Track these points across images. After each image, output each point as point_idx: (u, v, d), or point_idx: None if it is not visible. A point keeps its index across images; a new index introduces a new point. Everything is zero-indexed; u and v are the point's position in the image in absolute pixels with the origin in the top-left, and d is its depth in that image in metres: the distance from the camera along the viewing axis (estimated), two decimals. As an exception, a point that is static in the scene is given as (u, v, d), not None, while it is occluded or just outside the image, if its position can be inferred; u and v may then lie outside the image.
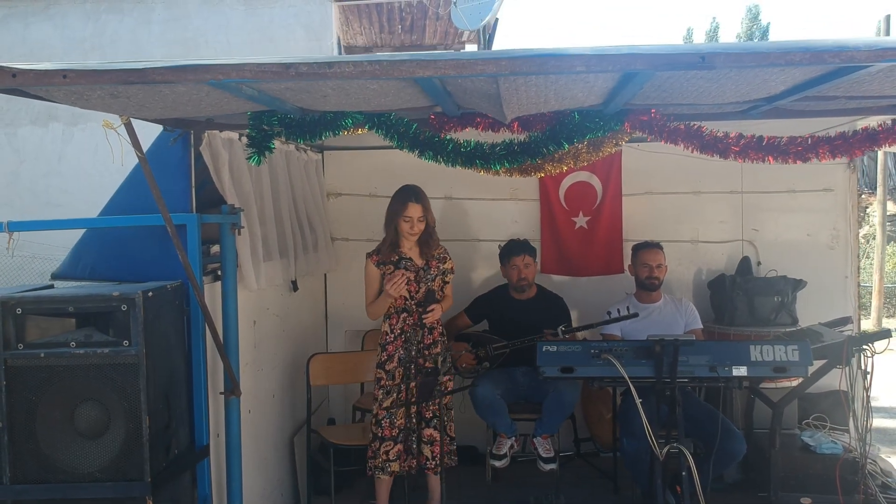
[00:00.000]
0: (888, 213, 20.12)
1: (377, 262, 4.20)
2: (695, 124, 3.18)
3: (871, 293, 16.60)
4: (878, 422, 7.80)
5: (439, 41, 11.23)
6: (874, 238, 17.30)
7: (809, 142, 3.21)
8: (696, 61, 2.01)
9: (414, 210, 4.12)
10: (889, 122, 3.27)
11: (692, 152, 3.22)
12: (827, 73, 2.41)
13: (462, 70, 2.06)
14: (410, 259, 4.20)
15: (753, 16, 37.20)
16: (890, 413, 8.27)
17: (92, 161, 8.17)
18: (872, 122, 3.38)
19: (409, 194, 4.16)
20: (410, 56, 2.05)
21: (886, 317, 16.93)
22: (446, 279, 4.31)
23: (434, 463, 4.13)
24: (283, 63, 2.05)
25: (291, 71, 2.05)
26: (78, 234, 3.76)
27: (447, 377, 4.17)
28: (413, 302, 4.15)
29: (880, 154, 16.43)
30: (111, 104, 2.49)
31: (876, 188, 17.40)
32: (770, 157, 3.20)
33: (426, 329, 4.15)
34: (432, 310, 4.11)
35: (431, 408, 4.13)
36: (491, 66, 2.05)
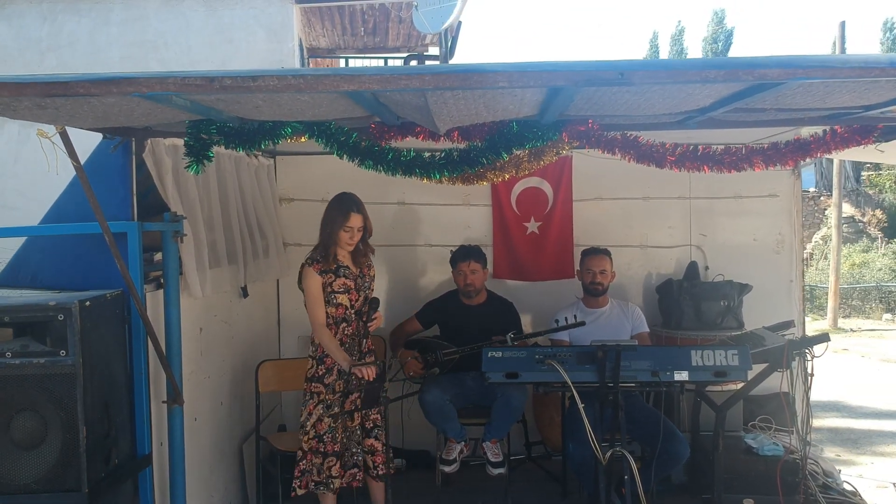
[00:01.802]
0: (845, 215, 20.53)
1: (320, 271, 4.06)
2: (631, 134, 3.24)
3: (827, 294, 16.91)
4: (842, 422, 7.98)
5: (402, 44, 11.24)
6: (831, 240, 17.65)
7: (744, 152, 3.29)
8: (615, 77, 2.05)
9: (355, 220, 4.06)
10: (820, 132, 3.36)
11: (629, 162, 3.28)
12: (748, 87, 2.46)
13: (386, 84, 2.09)
14: (347, 267, 4.14)
15: (719, 19, 37.71)
16: (855, 413, 8.45)
17: (48, 163, 8.05)
18: (803, 133, 3.46)
19: (349, 204, 4.09)
20: (333, 71, 2.06)
21: (843, 317, 17.26)
22: (372, 286, 4.28)
23: (375, 472, 4.14)
24: (207, 77, 2.05)
25: (215, 84, 2.06)
26: (21, 240, 3.73)
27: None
28: (353, 311, 4.12)
29: (835, 159, 16.77)
30: (40, 115, 2.47)
31: (833, 190, 17.74)
32: (706, 167, 3.27)
33: (363, 338, 4.14)
34: (376, 318, 4.10)
35: (372, 417, 4.14)
36: (415, 80, 2.07)
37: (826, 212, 22.04)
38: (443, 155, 3.16)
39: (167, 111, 2.68)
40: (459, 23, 9.19)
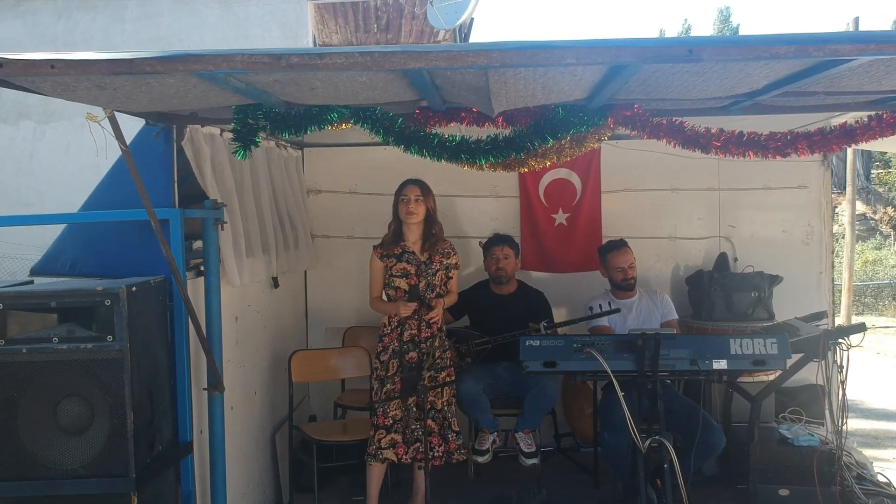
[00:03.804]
0: (857, 213, 20.48)
1: (381, 255, 4.25)
2: (677, 120, 3.22)
3: (840, 291, 16.86)
4: (863, 423, 7.91)
5: (415, 40, 11.21)
6: (843, 237, 17.60)
7: (789, 137, 3.26)
8: (683, 54, 2.04)
9: (410, 190, 4.19)
10: (865, 118, 3.33)
11: (674, 147, 3.26)
12: (809, 67, 2.45)
13: (453, 62, 2.08)
14: (413, 253, 4.23)
15: (724, 17, 37.66)
16: (874, 413, 8.38)
17: (63, 159, 8.06)
18: (848, 118, 3.44)
19: (410, 179, 4.27)
20: (402, 48, 2.05)
21: (856, 314, 17.21)
22: (450, 274, 4.34)
23: (433, 454, 4.12)
24: (275, 54, 2.04)
25: (283, 62, 2.05)
26: (51, 232, 3.72)
27: (444, 373, 4.18)
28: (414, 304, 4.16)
29: (849, 154, 16.74)
30: (98, 96, 2.46)
31: (845, 188, 17.70)
32: (750, 153, 3.25)
33: (424, 323, 4.16)
34: (430, 317, 4.16)
35: (430, 400, 4.15)
36: (482, 58, 2.06)
37: (837, 209, 21.98)
38: (488, 140, 3.15)
39: (219, 94, 2.68)
40: (472, 19, 9.18)
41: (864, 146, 3.50)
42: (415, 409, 4.14)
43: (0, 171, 8.56)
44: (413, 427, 4.15)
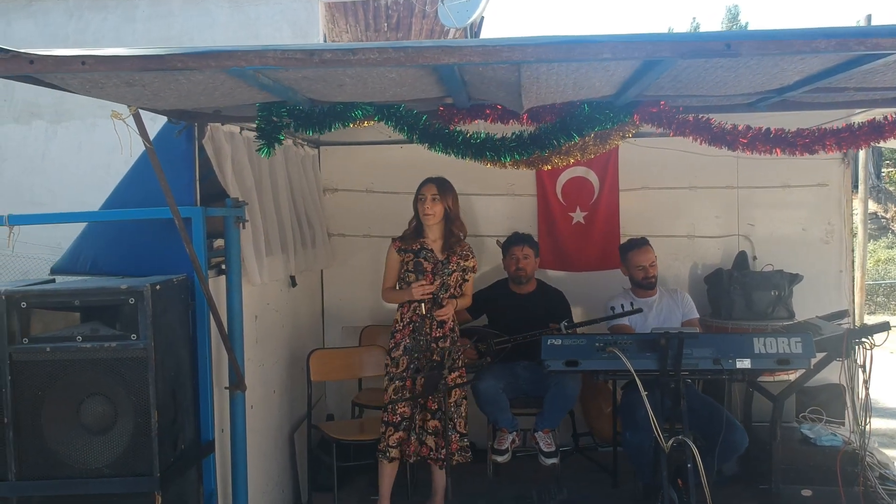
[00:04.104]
0: (868, 212, 20.33)
1: (398, 249, 4.24)
2: (703, 116, 3.19)
3: (853, 290, 16.76)
4: (879, 423, 7.82)
5: (425, 39, 11.19)
6: (856, 236, 17.50)
7: (817, 134, 3.23)
8: (721, 49, 2.01)
9: (428, 189, 4.18)
10: (893, 114, 3.29)
11: (700, 144, 3.23)
12: (844, 62, 2.41)
13: (487, 57, 2.05)
14: (431, 251, 4.21)
15: (733, 16, 37.53)
16: (893, 414, 8.29)
17: (76, 159, 8.07)
18: (875, 114, 3.40)
19: (428, 178, 4.25)
20: (435, 43, 2.03)
21: (868, 313, 17.08)
22: (466, 277, 4.32)
23: (437, 454, 4.12)
24: (308, 50, 2.02)
25: (315, 58, 2.03)
26: (62, 231, 3.72)
27: (456, 373, 4.15)
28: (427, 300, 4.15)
29: (861, 153, 16.64)
30: (126, 93, 2.45)
31: (856, 186, 17.60)
32: (777, 150, 3.21)
33: (436, 323, 4.14)
34: (440, 314, 4.14)
35: (437, 399, 4.12)
36: (517, 52, 2.03)
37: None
38: (514, 137, 3.13)
39: (245, 91, 2.66)
40: (482, 18, 9.15)
41: (891, 143, 3.46)
42: (419, 409, 4.13)
43: (13, 171, 8.57)
44: (419, 426, 4.15)
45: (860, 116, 3.83)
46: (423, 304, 4.09)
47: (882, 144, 3.61)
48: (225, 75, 2.32)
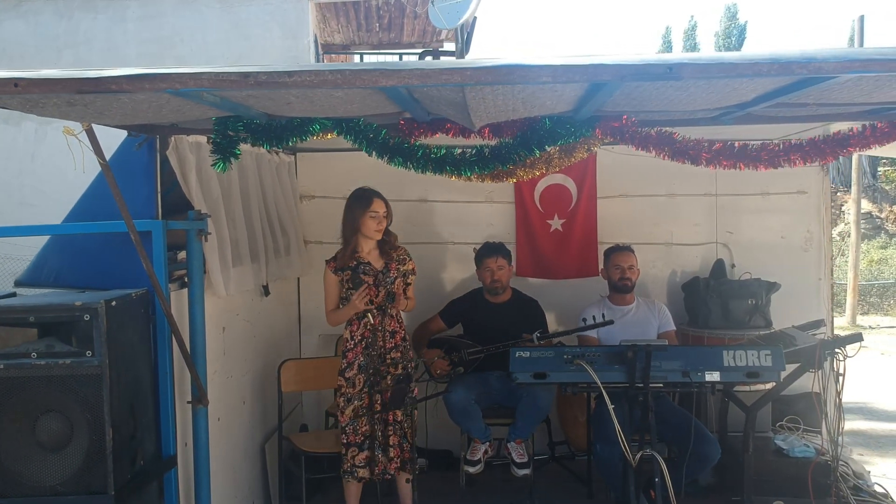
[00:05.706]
0: (862, 211, 20.35)
1: (334, 269, 4.18)
2: (666, 130, 3.16)
3: (846, 291, 16.75)
4: (867, 425, 7.82)
5: (417, 39, 11.15)
6: (849, 236, 17.50)
7: (781, 147, 3.20)
8: (663, 72, 1.98)
9: (378, 205, 4.14)
10: (860, 127, 3.27)
11: (664, 158, 3.20)
12: (796, 81, 2.39)
13: (426, 80, 2.02)
14: (369, 263, 4.17)
15: (731, 14, 37.40)
16: (877, 414, 8.27)
17: (66, 160, 8.01)
18: (842, 127, 3.37)
19: (370, 193, 4.20)
20: (373, 66, 2.00)
21: (861, 314, 17.09)
22: (408, 280, 4.28)
23: (396, 465, 4.10)
24: (242, 72, 1.99)
25: (250, 80, 2.00)
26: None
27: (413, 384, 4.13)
28: (374, 307, 4.11)
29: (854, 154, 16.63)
30: (68, 112, 2.42)
31: (850, 186, 17.58)
32: (741, 164, 3.19)
33: (388, 334, 4.12)
34: (396, 307, 4.14)
35: (404, 411, 4.10)
36: (456, 75, 2.00)
37: (843, 207, 21.84)
38: (474, 152, 3.10)
39: (196, 108, 2.63)
40: (474, 18, 9.12)
41: (859, 154, 3.44)
42: (378, 426, 4.10)
43: (2, 172, 8.55)
44: (381, 442, 4.11)
45: (835, 126, 3.80)
46: (369, 315, 4.06)
47: (852, 154, 3.57)
48: (169, 95, 2.29)
